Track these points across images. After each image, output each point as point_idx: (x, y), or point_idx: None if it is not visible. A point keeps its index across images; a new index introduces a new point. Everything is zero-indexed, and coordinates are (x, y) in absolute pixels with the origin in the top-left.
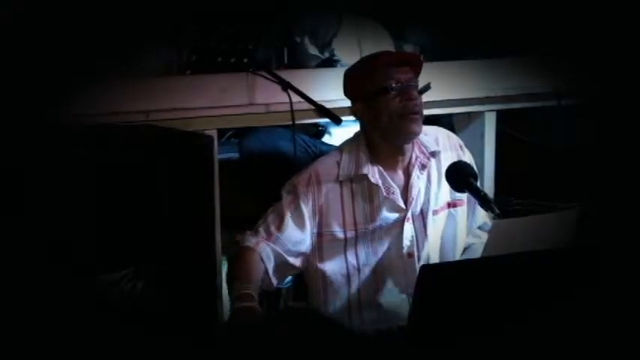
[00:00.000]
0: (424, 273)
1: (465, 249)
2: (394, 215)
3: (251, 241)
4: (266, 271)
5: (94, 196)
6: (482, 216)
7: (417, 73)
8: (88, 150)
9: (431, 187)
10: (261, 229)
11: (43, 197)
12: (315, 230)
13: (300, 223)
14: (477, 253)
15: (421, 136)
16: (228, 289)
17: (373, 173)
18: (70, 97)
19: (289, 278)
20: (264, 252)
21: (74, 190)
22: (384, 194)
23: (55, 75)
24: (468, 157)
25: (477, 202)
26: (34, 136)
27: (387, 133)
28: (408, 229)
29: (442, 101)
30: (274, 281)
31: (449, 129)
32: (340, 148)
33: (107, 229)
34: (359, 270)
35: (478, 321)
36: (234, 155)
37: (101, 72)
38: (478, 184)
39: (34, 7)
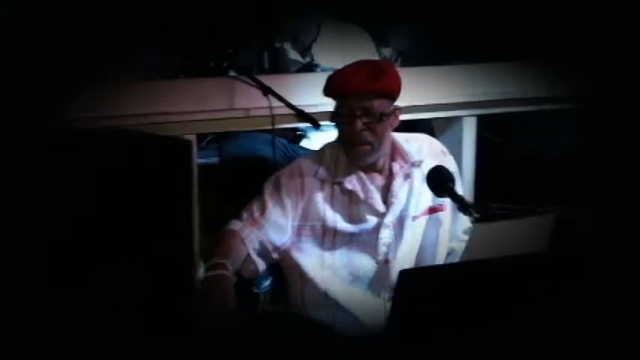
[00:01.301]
0: (403, 277)
1: (449, 254)
2: (373, 219)
3: (236, 224)
4: (249, 255)
5: (70, 200)
6: (466, 220)
7: (375, 91)
8: (64, 154)
9: (412, 194)
10: (245, 215)
11: (18, 201)
12: (295, 223)
13: (282, 213)
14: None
15: (404, 145)
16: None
17: (350, 179)
18: (51, 101)
19: (267, 282)
20: (248, 236)
21: (50, 194)
22: (362, 199)
23: (36, 80)
24: (450, 163)
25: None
26: (10, 139)
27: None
28: (386, 236)
29: (421, 106)
30: (260, 265)
31: (428, 134)
32: (323, 149)
33: (83, 232)
34: (335, 270)
35: (457, 325)
36: (214, 160)
37: (82, 76)
38: (458, 188)
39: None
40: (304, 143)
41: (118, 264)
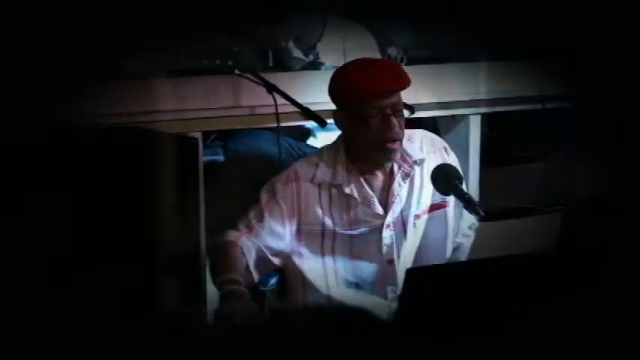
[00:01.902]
0: (410, 277)
1: (455, 249)
2: (373, 221)
3: (232, 234)
4: (247, 266)
5: (78, 197)
6: (470, 215)
7: (403, 88)
8: (72, 151)
9: (413, 193)
10: (242, 224)
11: (27, 199)
12: (293, 228)
13: (279, 220)
14: (466, 252)
15: (405, 144)
16: (212, 280)
17: (348, 183)
18: (57, 98)
19: (274, 280)
20: (245, 245)
21: (56, 191)
22: (360, 203)
23: (43, 77)
24: (452, 160)
25: None
26: (20, 136)
27: (365, 152)
28: (387, 236)
29: (427, 104)
30: (255, 276)
31: (433, 132)
32: (321, 151)
33: (90, 229)
34: (336, 272)
35: (465, 324)
36: (219, 158)
37: (88, 74)
38: (464, 186)
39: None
40: (310, 141)
41: (123, 262)
